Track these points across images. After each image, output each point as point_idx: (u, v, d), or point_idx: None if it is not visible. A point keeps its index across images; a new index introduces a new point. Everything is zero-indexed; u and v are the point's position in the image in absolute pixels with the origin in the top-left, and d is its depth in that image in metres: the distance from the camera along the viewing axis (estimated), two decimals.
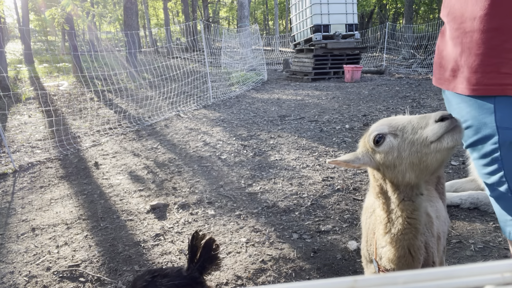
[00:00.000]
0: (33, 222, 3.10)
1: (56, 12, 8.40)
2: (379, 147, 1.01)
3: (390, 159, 1.00)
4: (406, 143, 0.96)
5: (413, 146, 0.95)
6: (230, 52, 13.48)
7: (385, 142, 1.00)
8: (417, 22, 34.07)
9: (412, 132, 0.96)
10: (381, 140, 1.01)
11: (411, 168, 0.97)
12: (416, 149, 0.94)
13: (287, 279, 2.18)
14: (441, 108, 6.04)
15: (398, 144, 0.98)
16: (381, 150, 1.01)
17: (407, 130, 0.97)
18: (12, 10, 33.07)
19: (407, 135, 0.96)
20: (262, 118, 6.33)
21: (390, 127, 1.01)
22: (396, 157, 0.98)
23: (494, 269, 0.35)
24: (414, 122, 0.97)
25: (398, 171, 1.00)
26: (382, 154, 1.01)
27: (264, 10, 44.26)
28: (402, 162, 0.98)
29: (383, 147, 1.00)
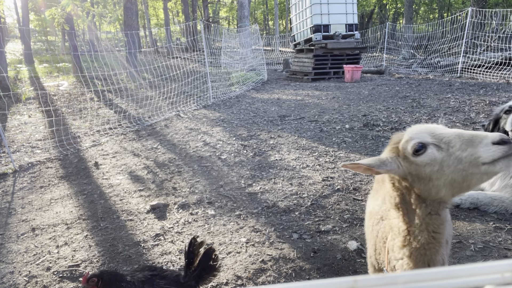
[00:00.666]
0: (33, 222, 3.10)
1: (56, 12, 8.40)
2: (417, 157, 0.93)
3: (428, 172, 0.92)
4: (452, 158, 0.88)
5: (460, 163, 0.87)
6: (230, 52, 13.47)
7: (427, 153, 0.92)
8: (417, 22, 34.08)
9: (460, 148, 0.88)
10: (422, 149, 0.93)
11: (451, 185, 0.89)
12: (462, 167, 0.87)
13: (287, 279, 2.18)
14: (441, 108, 6.05)
15: (442, 158, 0.89)
16: (419, 161, 0.93)
17: (455, 145, 0.89)
18: (12, 10, 33.09)
19: (453, 150, 0.89)
20: (262, 118, 6.33)
21: (434, 138, 0.93)
22: (436, 171, 0.90)
23: (494, 269, 0.35)
24: (464, 138, 0.89)
25: (433, 185, 0.92)
26: (419, 165, 0.93)
27: (264, 10, 44.25)
28: (442, 177, 0.90)
29: (423, 158, 0.92)
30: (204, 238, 2.67)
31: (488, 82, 8.64)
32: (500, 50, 10.75)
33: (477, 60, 10.62)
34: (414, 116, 5.69)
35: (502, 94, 6.96)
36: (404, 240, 1.02)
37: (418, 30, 17.06)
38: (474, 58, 10.80)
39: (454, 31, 13.11)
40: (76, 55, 10.95)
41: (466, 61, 10.75)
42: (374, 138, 4.73)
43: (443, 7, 34.14)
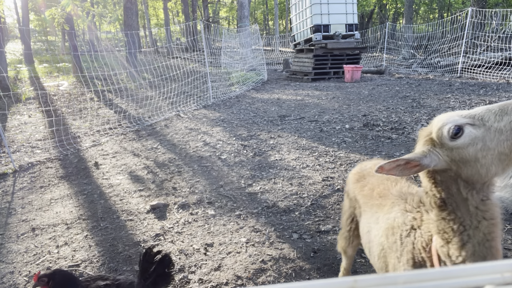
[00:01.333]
0: (33, 222, 3.10)
1: (56, 12, 8.40)
2: (457, 140, 0.90)
3: (472, 152, 0.89)
4: (491, 131, 0.86)
5: (501, 134, 0.85)
6: (230, 52, 13.48)
7: (465, 134, 0.89)
8: (417, 22, 34.09)
9: (496, 119, 0.87)
10: (459, 132, 0.90)
11: (499, 159, 0.87)
12: (505, 137, 0.85)
13: (287, 279, 2.18)
14: (441, 109, 6.05)
15: (482, 134, 0.88)
16: (460, 143, 0.90)
17: (489, 118, 0.88)
18: (12, 10, 33.09)
19: (490, 123, 0.87)
20: (262, 118, 6.33)
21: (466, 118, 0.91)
22: (480, 148, 0.88)
23: (494, 269, 0.35)
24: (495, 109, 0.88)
25: (481, 165, 0.88)
26: (460, 148, 0.90)
27: (264, 10, 44.25)
28: (488, 153, 0.87)
29: (463, 140, 0.89)
30: (204, 238, 2.67)
31: (488, 82, 8.64)
32: (500, 50, 10.75)
33: (477, 60, 10.62)
34: (414, 116, 5.69)
35: (502, 94, 6.96)
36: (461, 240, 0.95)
37: (418, 30, 17.06)
38: (474, 58, 10.80)
39: (454, 31, 13.11)
40: (76, 55, 10.95)
41: (466, 61, 10.75)
42: (374, 138, 4.73)
43: (443, 7, 34.14)
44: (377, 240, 1.33)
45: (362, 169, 1.71)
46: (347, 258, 1.95)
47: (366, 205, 1.51)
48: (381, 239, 1.30)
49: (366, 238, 1.46)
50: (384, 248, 1.28)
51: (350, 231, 1.76)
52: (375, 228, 1.37)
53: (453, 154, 0.92)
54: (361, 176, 1.66)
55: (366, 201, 1.52)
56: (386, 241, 1.26)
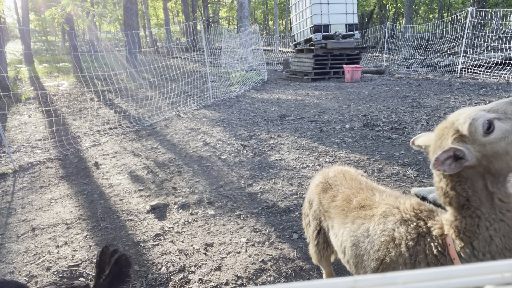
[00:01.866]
0: (33, 222, 3.10)
1: (56, 12, 8.40)
2: (490, 135, 0.92)
3: (503, 146, 0.91)
4: None
5: None
6: (230, 52, 13.48)
7: (497, 128, 0.92)
8: (417, 22, 34.08)
9: None
10: (491, 127, 0.92)
11: None
12: None
13: (287, 279, 2.18)
14: (441, 109, 6.05)
15: (511, 127, 0.91)
16: (493, 138, 0.92)
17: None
18: (12, 10, 33.07)
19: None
20: (262, 118, 6.33)
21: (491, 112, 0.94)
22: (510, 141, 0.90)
23: (494, 269, 0.35)
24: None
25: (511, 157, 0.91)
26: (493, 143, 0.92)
27: (264, 10, 44.24)
28: None
29: (496, 134, 0.92)
30: (204, 238, 2.67)
31: (488, 82, 8.64)
32: (500, 50, 10.74)
33: (477, 60, 10.62)
34: (414, 116, 5.69)
35: (502, 94, 6.96)
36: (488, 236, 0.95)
37: (418, 30, 17.05)
38: (474, 58, 10.80)
39: (454, 31, 13.10)
40: (76, 55, 10.95)
41: (466, 61, 10.75)
42: (374, 138, 4.73)
43: (443, 7, 34.14)
44: (373, 255, 1.23)
45: (325, 178, 1.60)
46: (325, 267, 1.89)
47: (344, 217, 1.38)
48: (379, 253, 1.20)
49: (351, 253, 1.33)
50: (385, 262, 1.19)
51: (319, 244, 1.66)
52: (366, 241, 1.26)
53: (486, 149, 0.93)
54: (327, 186, 1.56)
55: (343, 213, 1.40)
56: (388, 256, 1.17)
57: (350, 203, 1.40)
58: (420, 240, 1.10)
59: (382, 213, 1.25)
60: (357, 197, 1.39)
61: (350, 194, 1.43)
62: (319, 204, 1.57)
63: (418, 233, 1.11)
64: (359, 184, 1.48)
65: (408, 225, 1.14)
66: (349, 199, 1.41)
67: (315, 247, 1.70)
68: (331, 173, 1.63)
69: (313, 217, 1.67)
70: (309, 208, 1.70)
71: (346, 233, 1.36)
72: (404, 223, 1.16)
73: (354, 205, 1.37)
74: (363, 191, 1.42)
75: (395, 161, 3.86)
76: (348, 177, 1.56)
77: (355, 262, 1.32)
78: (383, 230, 1.20)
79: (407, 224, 1.15)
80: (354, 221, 1.33)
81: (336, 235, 1.44)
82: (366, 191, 1.41)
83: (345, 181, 1.53)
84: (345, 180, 1.55)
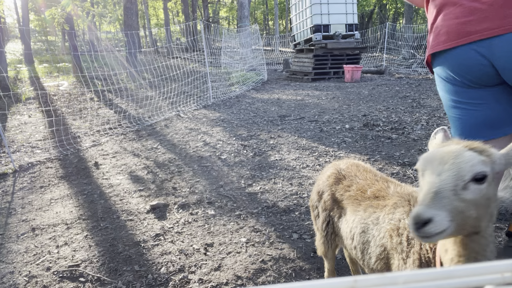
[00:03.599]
0: (33, 222, 3.10)
1: (56, 12, 8.40)
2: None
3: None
4: None
5: None
6: (230, 52, 13.48)
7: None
8: (417, 22, 34.07)
9: None
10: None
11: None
12: None
13: (287, 279, 2.18)
14: (441, 109, 6.05)
15: None
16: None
17: None
18: (12, 10, 33.09)
19: None
20: (262, 118, 6.33)
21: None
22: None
23: (494, 269, 0.35)
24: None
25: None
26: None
27: (264, 10, 44.24)
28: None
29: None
30: (204, 238, 2.67)
31: None
32: None
33: None
34: (414, 116, 5.70)
35: None
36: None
37: (418, 30, 17.05)
38: None
39: None
40: (76, 55, 10.95)
41: None
42: (374, 138, 4.73)
43: None
44: (378, 241, 1.31)
45: (338, 170, 1.66)
46: (329, 260, 1.92)
47: (357, 205, 1.46)
48: (383, 240, 1.28)
49: (359, 239, 1.41)
50: (386, 249, 1.28)
51: (328, 235, 1.70)
52: (375, 229, 1.34)
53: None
54: (341, 177, 1.62)
55: (356, 202, 1.47)
56: (390, 242, 1.26)
57: (365, 193, 1.46)
58: None
59: (393, 204, 1.31)
60: (372, 188, 1.46)
61: (365, 185, 1.49)
62: (331, 194, 1.62)
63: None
64: (374, 176, 1.54)
65: None
66: (363, 189, 1.48)
67: (324, 237, 1.73)
68: (343, 165, 1.69)
69: (323, 208, 1.70)
70: (318, 199, 1.74)
71: (357, 220, 1.43)
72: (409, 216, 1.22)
73: (368, 195, 1.44)
74: (378, 182, 1.48)
75: (395, 161, 3.86)
76: (362, 169, 1.62)
77: (362, 248, 1.39)
78: (391, 220, 1.28)
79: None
80: (366, 210, 1.41)
81: (347, 222, 1.50)
82: (381, 182, 1.48)
83: (359, 173, 1.59)
84: (359, 171, 1.60)
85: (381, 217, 1.34)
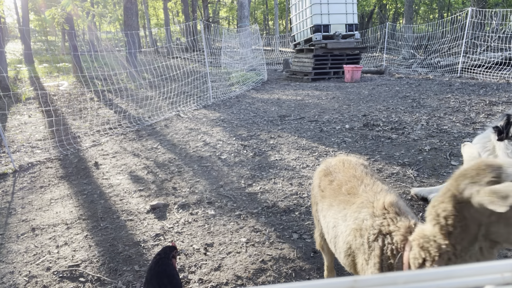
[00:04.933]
0: (33, 222, 3.10)
1: (56, 12, 8.39)
2: None
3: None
4: None
5: None
6: (230, 52, 13.47)
7: None
8: (417, 22, 34.07)
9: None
10: None
11: None
12: None
13: (287, 279, 2.18)
14: (441, 108, 6.05)
15: None
16: None
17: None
18: (12, 10, 33.08)
19: None
20: (262, 118, 6.33)
21: None
22: None
23: (494, 269, 0.35)
24: None
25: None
26: None
27: (264, 10, 44.22)
28: None
29: None
30: (204, 238, 2.67)
31: (488, 82, 8.64)
32: (500, 50, 10.74)
33: (477, 60, 10.62)
34: (414, 116, 5.69)
35: (502, 94, 6.96)
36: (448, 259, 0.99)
37: (418, 30, 17.05)
38: (474, 58, 10.79)
39: (454, 31, 13.10)
40: (76, 55, 10.95)
41: (466, 61, 10.75)
42: (374, 138, 4.73)
43: (443, 7, 34.13)
44: (344, 238, 1.37)
45: (327, 166, 1.75)
46: (326, 255, 1.97)
47: (333, 199, 1.52)
48: (349, 237, 1.34)
49: (332, 233, 1.48)
50: (351, 247, 1.33)
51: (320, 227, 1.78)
52: (343, 225, 1.40)
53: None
54: (328, 172, 1.70)
55: (333, 195, 1.54)
56: (354, 242, 1.31)
57: (340, 188, 1.53)
58: (379, 237, 1.21)
59: (360, 203, 1.37)
60: (347, 184, 1.52)
61: (343, 181, 1.56)
62: (318, 188, 1.70)
63: (379, 230, 1.22)
64: (354, 172, 1.60)
65: (374, 221, 1.25)
66: (340, 185, 1.54)
67: (319, 230, 1.81)
68: (333, 161, 1.77)
69: (314, 202, 1.79)
70: (312, 194, 1.83)
71: (331, 214, 1.51)
72: (371, 218, 1.27)
73: (342, 191, 1.50)
74: (354, 179, 1.54)
75: (395, 161, 3.86)
76: (347, 166, 1.68)
77: (334, 242, 1.48)
78: (356, 219, 1.33)
79: (374, 219, 1.26)
80: (339, 205, 1.47)
81: (324, 216, 1.58)
82: (356, 180, 1.53)
83: (343, 169, 1.66)
84: (343, 167, 1.67)
85: (348, 214, 1.39)
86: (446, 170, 3.55)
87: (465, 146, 1.26)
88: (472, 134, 4.52)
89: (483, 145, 2.51)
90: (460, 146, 1.29)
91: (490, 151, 2.45)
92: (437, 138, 4.51)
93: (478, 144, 2.55)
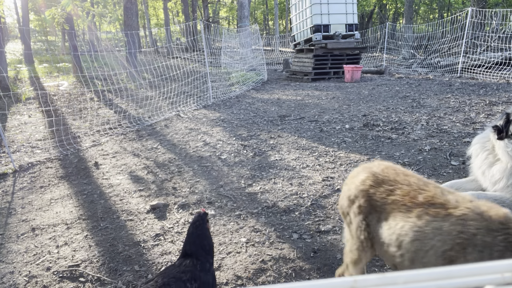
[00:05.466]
0: (33, 222, 3.10)
1: (56, 12, 8.39)
2: None
3: None
4: None
5: None
6: (230, 52, 13.47)
7: None
8: (417, 22, 34.06)
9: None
10: None
11: None
12: None
13: (287, 279, 2.18)
14: (441, 109, 6.04)
15: None
16: None
17: None
18: (12, 10, 33.06)
19: None
20: (262, 118, 6.33)
21: None
22: None
23: (494, 269, 0.35)
24: None
25: None
26: None
27: (264, 10, 44.21)
28: None
29: None
30: None
31: (488, 82, 8.64)
32: (500, 50, 10.74)
33: (477, 60, 10.62)
34: (414, 116, 5.69)
35: (502, 94, 6.96)
36: None
37: (418, 30, 17.05)
38: (474, 58, 10.79)
39: (454, 31, 13.10)
40: (76, 55, 10.95)
41: (466, 61, 10.75)
42: (374, 138, 4.73)
43: (443, 7, 34.13)
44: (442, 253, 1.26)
45: (373, 173, 1.60)
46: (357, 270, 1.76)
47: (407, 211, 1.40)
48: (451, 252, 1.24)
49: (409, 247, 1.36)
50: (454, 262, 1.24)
51: (364, 241, 1.60)
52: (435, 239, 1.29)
53: None
54: (379, 181, 1.55)
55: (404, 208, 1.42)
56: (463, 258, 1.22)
57: (415, 198, 1.41)
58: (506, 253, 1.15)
59: (461, 215, 1.27)
60: (422, 194, 1.41)
61: (412, 190, 1.44)
62: (367, 199, 1.56)
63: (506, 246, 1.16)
64: (418, 180, 1.50)
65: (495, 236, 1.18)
66: (412, 195, 1.43)
67: (359, 243, 1.62)
68: (376, 168, 1.63)
69: (356, 214, 1.61)
70: (350, 205, 1.65)
71: (407, 227, 1.38)
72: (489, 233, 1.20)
73: (421, 201, 1.39)
74: (428, 188, 1.43)
75: (395, 161, 3.86)
76: (401, 173, 1.57)
77: (413, 257, 1.35)
78: (461, 232, 1.23)
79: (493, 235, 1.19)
80: (421, 217, 1.35)
81: (390, 228, 1.44)
82: (433, 189, 1.43)
83: (399, 177, 1.54)
84: (397, 175, 1.55)
85: (445, 227, 1.28)
86: (446, 170, 3.55)
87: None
88: (472, 134, 4.52)
89: (482, 145, 2.51)
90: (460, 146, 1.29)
91: (489, 151, 2.45)
92: (437, 138, 4.50)
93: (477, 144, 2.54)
